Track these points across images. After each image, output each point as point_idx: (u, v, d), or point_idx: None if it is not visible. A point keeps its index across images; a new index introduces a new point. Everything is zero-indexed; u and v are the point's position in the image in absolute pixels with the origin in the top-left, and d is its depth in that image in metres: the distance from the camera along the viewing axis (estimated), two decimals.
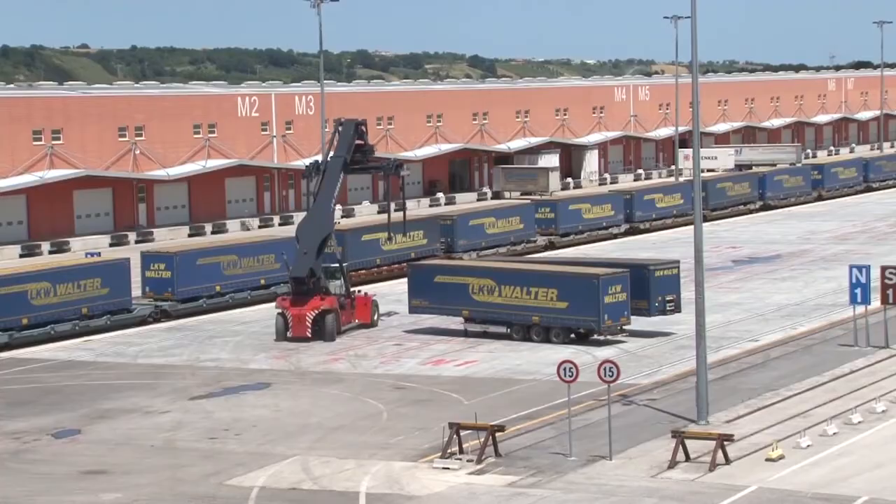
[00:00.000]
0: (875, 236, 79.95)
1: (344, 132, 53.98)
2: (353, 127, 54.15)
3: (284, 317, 51.27)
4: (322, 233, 52.65)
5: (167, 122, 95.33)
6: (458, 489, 31.04)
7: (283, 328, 51.22)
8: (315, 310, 50.84)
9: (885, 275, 45.61)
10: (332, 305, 51.50)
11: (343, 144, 54.00)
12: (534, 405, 38.65)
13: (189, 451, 35.29)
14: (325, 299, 51.39)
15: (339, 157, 53.63)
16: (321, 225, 52.95)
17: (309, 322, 50.68)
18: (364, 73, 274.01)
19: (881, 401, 37.23)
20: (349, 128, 54.15)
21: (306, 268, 51.63)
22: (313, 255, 51.98)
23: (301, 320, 50.71)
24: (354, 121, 54.66)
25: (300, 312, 50.77)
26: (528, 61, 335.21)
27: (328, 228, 53.12)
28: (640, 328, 48.59)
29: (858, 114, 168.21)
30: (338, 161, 53.57)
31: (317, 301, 51.12)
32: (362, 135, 54.42)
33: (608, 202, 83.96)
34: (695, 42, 36.27)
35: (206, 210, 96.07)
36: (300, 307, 50.92)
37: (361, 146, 54.38)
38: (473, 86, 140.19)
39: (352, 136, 53.99)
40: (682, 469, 31.81)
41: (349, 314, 52.77)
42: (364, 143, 54.52)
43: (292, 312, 50.98)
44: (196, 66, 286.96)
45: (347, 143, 53.99)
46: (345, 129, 54.07)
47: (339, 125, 54.31)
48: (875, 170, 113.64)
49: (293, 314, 50.94)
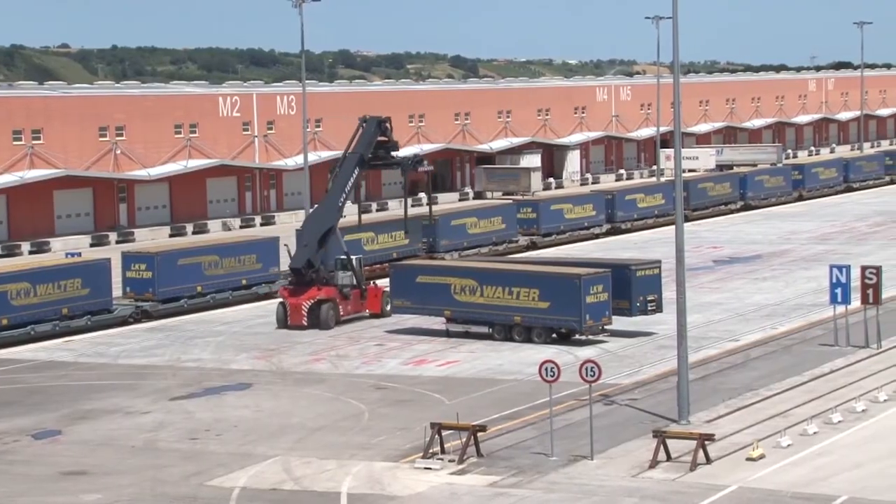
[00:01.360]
0: (855, 236, 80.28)
1: (366, 129, 55.78)
2: (376, 124, 55.89)
3: (284, 306, 53.46)
4: (324, 226, 54.39)
5: (148, 121, 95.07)
6: (440, 489, 31.04)
7: (282, 317, 53.43)
8: (311, 299, 52.86)
9: (864, 275, 45.77)
10: (330, 296, 53.33)
11: (363, 141, 55.71)
12: (515, 405, 38.68)
13: (170, 451, 35.20)
14: (321, 289, 53.25)
15: (355, 154, 55.30)
16: (325, 218, 54.74)
17: (305, 311, 52.72)
18: (346, 73, 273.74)
19: (861, 400, 37.38)
20: (371, 125, 55.93)
21: (304, 259, 53.58)
22: (313, 248, 53.82)
23: (297, 309, 52.90)
24: (377, 118, 56.33)
25: (297, 302, 52.98)
26: (509, 61, 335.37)
27: (331, 222, 54.60)
28: (622, 328, 48.68)
29: (839, 114, 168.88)
30: (354, 157, 55.22)
31: (313, 291, 53.13)
32: (385, 131, 55.99)
33: (590, 202, 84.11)
34: (676, 42, 36.35)
35: (187, 210, 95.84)
36: (297, 297, 53.12)
37: (385, 142, 56.07)
38: (455, 86, 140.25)
39: (373, 133, 55.71)
40: (664, 469, 31.88)
41: (357, 304, 54.17)
42: (388, 139, 56.13)
43: (290, 302, 53.26)
44: (177, 65, 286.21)
45: (367, 139, 55.74)
46: (367, 126, 55.90)
47: (362, 122, 56.07)
48: (855, 170, 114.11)
49: (291, 303, 53.20)
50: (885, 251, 72.02)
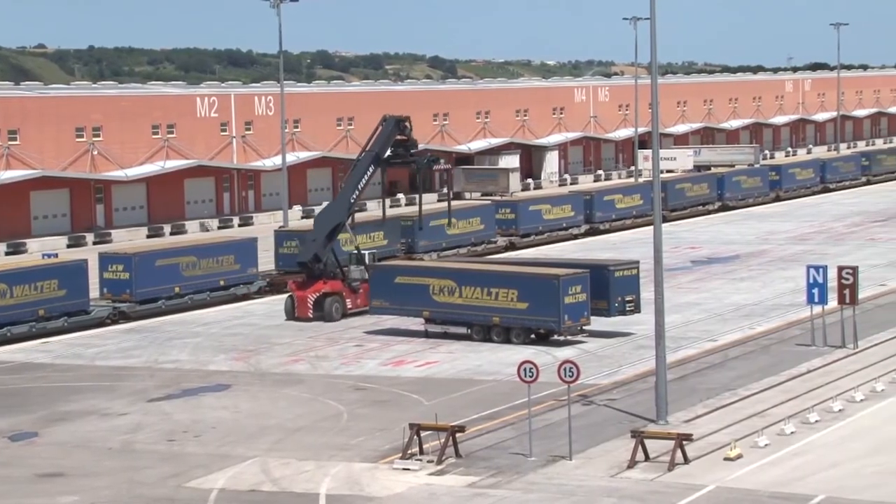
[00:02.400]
0: (832, 237, 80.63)
1: (384, 128, 56.84)
2: (394, 123, 56.95)
3: (292, 299, 55.61)
4: (333, 221, 56.07)
5: (125, 122, 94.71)
6: (419, 490, 31.02)
7: (290, 309, 55.59)
8: (316, 293, 54.96)
9: (841, 275, 45.96)
10: (335, 289, 55.22)
11: (379, 140, 56.85)
12: (494, 406, 38.69)
13: (147, 453, 35.07)
14: (327, 283, 55.15)
15: (371, 152, 56.60)
16: (334, 214, 56.53)
17: (310, 304, 54.84)
18: (324, 73, 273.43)
19: (838, 400, 37.54)
20: (390, 124, 57.05)
21: (311, 253, 55.68)
22: (321, 242, 55.70)
23: (303, 302, 55.05)
24: (396, 117, 57.30)
25: (303, 295, 55.10)
26: (488, 62, 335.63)
27: (340, 218, 56.23)
28: (600, 328, 48.75)
29: (815, 115, 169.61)
30: (369, 156, 56.57)
31: (319, 285, 55.11)
32: (404, 130, 57.02)
33: (568, 203, 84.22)
34: (654, 44, 36.42)
35: (164, 211, 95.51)
36: (303, 290, 55.19)
37: (404, 141, 57.10)
38: (434, 86, 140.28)
39: (391, 131, 56.82)
40: (642, 469, 31.94)
41: (367, 298, 54.73)
42: (407, 138, 57.17)
43: (297, 295, 55.42)
44: (155, 66, 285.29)
45: (384, 138, 56.69)
46: (386, 125, 57.00)
47: (382, 121, 57.32)
48: (832, 170, 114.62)
49: (297, 296, 55.36)
50: (862, 251, 72.38)
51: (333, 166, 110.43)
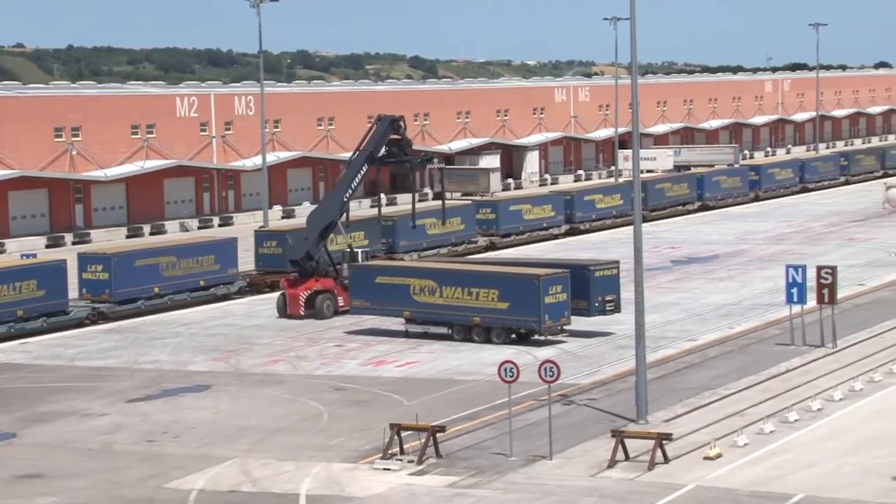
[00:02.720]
0: (811, 236, 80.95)
1: (378, 127, 57.46)
2: (389, 123, 57.53)
3: (284, 296, 56.09)
4: (326, 220, 56.62)
5: (104, 122, 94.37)
6: (399, 490, 31.02)
7: (282, 306, 56.05)
8: (308, 290, 55.45)
9: (820, 275, 46.13)
10: (327, 287, 55.70)
11: (373, 139, 57.41)
12: (475, 405, 38.71)
13: (127, 454, 34.96)
14: (319, 281, 55.70)
15: (365, 151, 57.24)
16: (327, 213, 57.05)
17: (302, 301, 55.31)
18: (304, 73, 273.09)
19: (817, 399, 37.70)
20: (384, 123, 57.61)
21: (302, 251, 56.25)
22: (312, 240, 56.25)
23: (295, 299, 55.51)
24: (391, 117, 57.89)
25: (294, 292, 55.60)
26: (468, 62, 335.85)
27: (331, 217, 56.73)
28: (580, 328, 48.83)
29: (794, 115, 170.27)
30: (363, 155, 57.20)
31: (311, 283, 55.61)
32: (398, 129, 57.55)
33: (549, 203, 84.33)
34: (634, 44, 36.49)
35: (144, 211, 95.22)
36: (295, 288, 55.70)
37: (398, 140, 57.72)
38: (414, 86, 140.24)
39: (385, 131, 57.34)
40: (622, 468, 32.00)
41: None
42: (401, 137, 57.74)
43: (288, 292, 55.91)
44: (134, 66, 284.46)
45: (378, 137, 57.35)
46: (380, 124, 57.61)
47: (376, 120, 58.01)
48: (811, 170, 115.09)
49: (289, 294, 55.86)
50: (841, 251, 72.69)
51: (314, 166, 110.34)
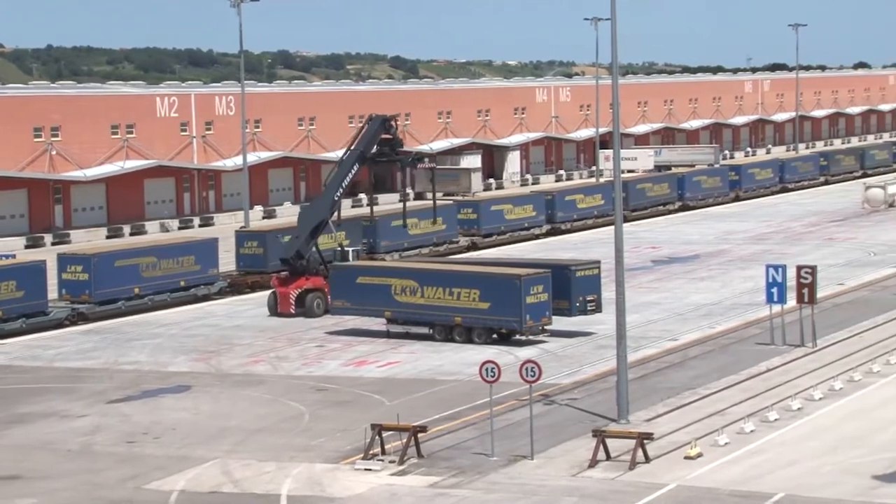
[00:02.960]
0: (790, 236, 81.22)
1: (369, 127, 57.93)
2: (380, 122, 57.96)
3: (275, 295, 56.44)
4: (316, 219, 57.26)
5: (84, 122, 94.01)
6: (380, 490, 30.98)
7: (273, 304, 56.43)
8: (298, 289, 55.88)
9: (800, 274, 46.27)
10: (317, 285, 56.14)
11: (364, 139, 57.89)
12: (456, 406, 38.70)
13: (106, 455, 34.83)
14: (309, 279, 56.20)
15: (356, 151, 57.74)
16: (317, 211, 57.66)
17: (292, 300, 55.75)
18: (285, 73, 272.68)
19: (797, 398, 37.81)
20: (375, 123, 58.06)
21: (293, 250, 56.81)
22: (303, 239, 56.85)
23: (285, 298, 55.92)
24: (382, 116, 58.35)
25: (285, 291, 56.02)
26: (449, 62, 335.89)
27: (322, 215, 57.36)
28: (562, 328, 48.86)
29: (774, 115, 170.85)
30: (353, 154, 57.73)
31: (301, 281, 56.09)
32: (390, 129, 57.96)
33: (530, 203, 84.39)
34: (615, 44, 36.55)
35: (124, 211, 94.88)
36: (286, 286, 56.13)
37: (389, 140, 58.07)
38: (395, 86, 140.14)
39: (376, 130, 57.75)
40: (603, 468, 32.03)
41: None
42: (392, 137, 58.13)
43: (279, 291, 56.30)
44: (114, 65, 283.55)
45: (368, 137, 57.72)
46: (371, 124, 58.06)
47: (368, 120, 58.50)
48: (790, 171, 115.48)
49: (280, 292, 56.23)
50: (820, 251, 72.95)
51: (295, 166, 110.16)
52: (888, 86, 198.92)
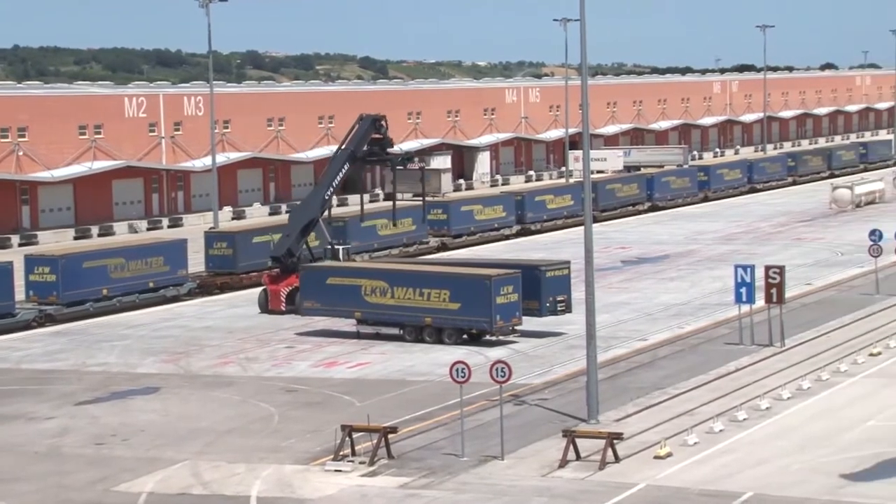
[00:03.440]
0: (759, 236, 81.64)
1: (360, 127, 58.50)
2: (370, 122, 58.62)
3: (266, 292, 56.92)
4: (306, 217, 58.07)
5: (51, 122, 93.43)
6: (350, 491, 30.94)
7: (263, 302, 56.91)
8: (289, 286, 56.33)
9: (768, 274, 46.52)
10: None
11: (354, 138, 58.51)
12: (426, 406, 38.69)
13: (75, 457, 34.62)
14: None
15: (346, 150, 58.55)
16: (308, 210, 58.47)
17: (283, 297, 56.30)
18: (254, 73, 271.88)
19: (765, 398, 38.01)
20: (365, 123, 58.71)
21: (284, 248, 57.42)
22: (294, 237, 57.51)
23: (276, 295, 56.36)
24: (373, 116, 59.00)
25: (275, 289, 56.52)
26: (419, 63, 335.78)
27: (313, 214, 58.22)
28: (532, 328, 48.93)
29: (743, 116, 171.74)
30: (344, 153, 58.60)
31: (292, 279, 56.31)
32: (380, 129, 58.68)
33: (500, 203, 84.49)
34: (584, 45, 36.63)
35: (92, 212, 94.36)
36: (276, 284, 56.61)
37: (380, 140, 58.79)
38: (365, 87, 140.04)
39: (366, 130, 58.38)
40: (573, 468, 32.10)
41: None
42: (383, 136, 58.82)
43: (270, 289, 56.81)
44: (81, 66, 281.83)
45: (359, 136, 58.44)
46: (361, 124, 58.66)
47: (358, 119, 59.08)
48: (759, 171, 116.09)
49: (270, 290, 56.73)
50: (788, 251, 73.36)
51: (264, 167, 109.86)
52: (855, 87, 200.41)
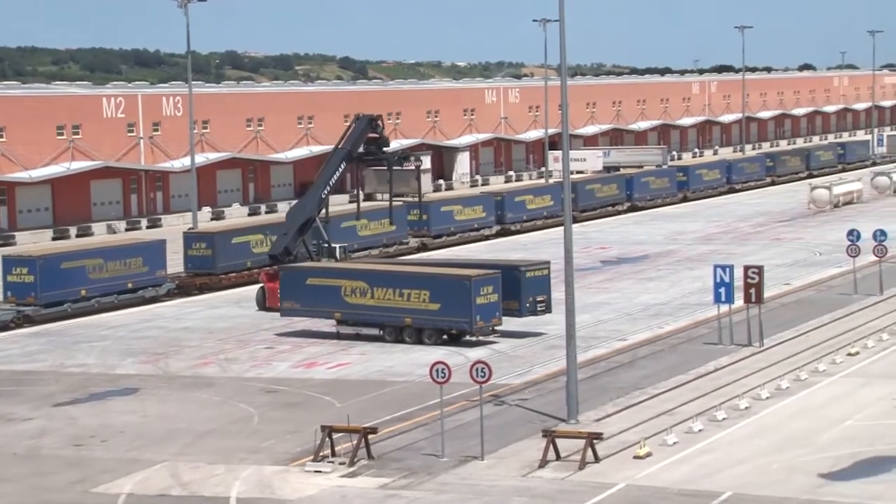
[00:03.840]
0: (738, 237, 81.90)
1: (356, 127, 59.32)
2: (367, 122, 59.38)
3: (263, 290, 57.26)
4: (303, 216, 58.80)
5: (29, 123, 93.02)
6: (330, 492, 30.90)
7: (261, 299, 57.27)
8: None
9: (747, 274, 46.66)
10: None
11: (350, 138, 59.19)
12: (406, 407, 38.67)
13: (53, 458, 34.48)
14: None
15: (342, 150, 59.38)
16: (305, 209, 59.17)
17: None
18: (233, 74, 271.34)
19: (744, 398, 38.14)
20: (362, 122, 59.46)
21: (281, 246, 58.16)
22: (291, 236, 58.25)
23: (274, 293, 55.70)
24: (369, 116, 59.80)
25: (273, 286, 55.99)
26: (398, 63, 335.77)
27: (310, 213, 59.03)
28: (512, 329, 48.97)
29: (721, 116, 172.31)
30: (340, 153, 59.44)
31: None
32: (376, 128, 59.54)
33: (479, 204, 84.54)
34: (563, 45, 36.67)
35: (70, 213, 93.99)
36: (274, 282, 55.99)
37: (376, 139, 59.70)
38: (344, 87, 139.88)
39: (362, 130, 59.16)
40: (553, 468, 32.13)
41: None
42: (379, 136, 59.76)
43: (267, 286, 56.97)
44: (59, 66, 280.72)
45: (355, 136, 59.73)
46: (358, 123, 59.47)
47: (355, 119, 60.00)
48: (737, 171, 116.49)
49: (268, 287, 56.85)
50: (767, 251, 73.62)
51: (243, 167, 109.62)
52: (832, 87, 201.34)
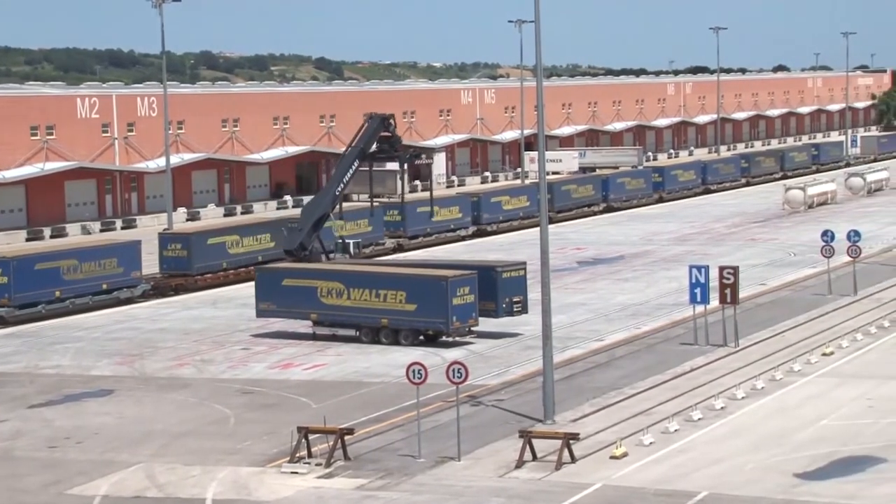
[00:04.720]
0: (713, 237, 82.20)
1: (369, 126, 60.58)
2: (379, 120, 60.72)
3: None
4: (318, 212, 60.60)
5: (2, 123, 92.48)
6: (307, 493, 30.84)
7: None
8: None
9: (722, 275, 46.83)
10: None
11: (363, 136, 60.83)
12: (383, 408, 38.64)
13: (28, 460, 34.29)
14: None
15: (355, 148, 60.92)
16: (319, 206, 61.04)
17: None
18: (208, 74, 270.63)
19: (720, 398, 38.27)
20: (375, 121, 60.98)
21: (296, 242, 59.68)
22: (305, 231, 59.82)
23: None
24: (381, 115, 61.12)
25: None
26: (374, 64, 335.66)
27: (324, 209, 60.94)
28: (488, 329, 48.99)
29: (696, 117, 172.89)
30: (354, 151, 61.05)
31: None
32: (389, 127, 60.99)
33: (456, 204, 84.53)
34: (539, 46, 36.72)
35: (44, 214, 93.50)
36: None
37: (389, 138, 61.14)
38: (320, 88, 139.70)
39: (375, 129, 60.48)
40: (529, 468, 32.16)
41: None
42: (391, 134, 61.18)
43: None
44: (33, 66, 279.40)
45: (368, 135, 60.75)
46: (370, 122, 60.74)
47: (367, 118, 61.22)
48: (713, 172, 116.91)
49: None
50: (742, 252, 73.91)
51: (218, 168, 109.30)
52: (807, 89, 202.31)
